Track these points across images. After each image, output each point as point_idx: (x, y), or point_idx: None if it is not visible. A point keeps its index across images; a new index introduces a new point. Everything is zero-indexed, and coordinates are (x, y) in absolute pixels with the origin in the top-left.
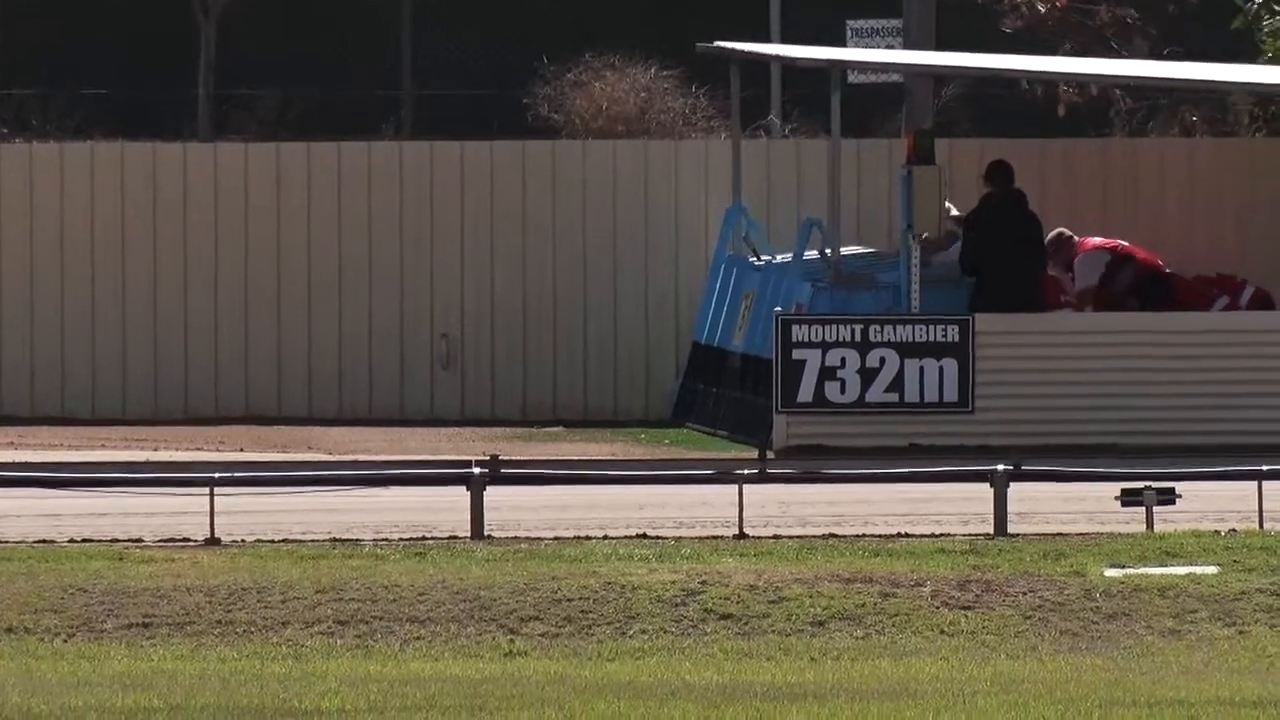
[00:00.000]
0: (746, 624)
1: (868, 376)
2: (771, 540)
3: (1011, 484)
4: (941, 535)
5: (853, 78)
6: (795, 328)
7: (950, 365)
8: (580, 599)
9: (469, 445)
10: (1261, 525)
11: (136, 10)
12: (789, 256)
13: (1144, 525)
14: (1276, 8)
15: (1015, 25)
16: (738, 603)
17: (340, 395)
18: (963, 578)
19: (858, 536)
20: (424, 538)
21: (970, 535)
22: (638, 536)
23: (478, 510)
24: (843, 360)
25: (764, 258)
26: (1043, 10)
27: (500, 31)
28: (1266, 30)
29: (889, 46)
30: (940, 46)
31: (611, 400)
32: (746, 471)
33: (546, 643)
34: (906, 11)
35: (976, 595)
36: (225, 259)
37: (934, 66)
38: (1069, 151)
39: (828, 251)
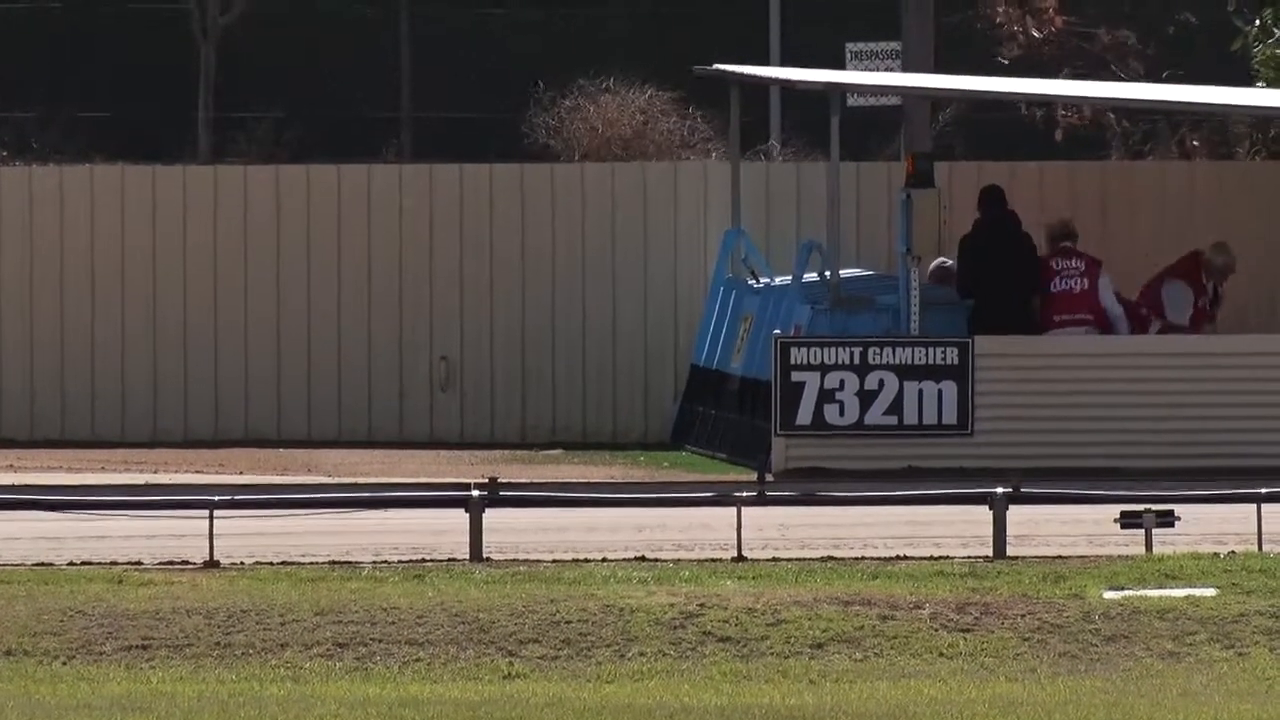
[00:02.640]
0: (745, 646)
1: (867, 399)
2: (770, 563)
3: (1010, 506)
4: (940, 558)
5: (852, 101)
6: (794, 350)
7: (949, 388)
8: (579, 621)
9: (468, 467)
10: (1260, 547)
11: (136, 33)
12: (788, 279)
13: (1143, 547)
14: (1275, 30)
15: (1013, 53)
16: (736, 625)
17: (339, 417)
18: (962, 600)
19: (856, 559)
20: (423, 560)
21: (969, 558)
22: (636, 559)
23: (476, 533)
24: (842, 383)
25: (763, 280)
26: (1039, 36)
27: (499, 55)
28: (1258, 61)
29: (888, 69)
30: (939, 74)
31: (610, 422)
32: (745, 494)
33: (545, 665)
34: (905, 34)
35: (975, 618)
36: (224, 281)
37: (933, 89)
38: (1068, 174)
39: (827, 274)
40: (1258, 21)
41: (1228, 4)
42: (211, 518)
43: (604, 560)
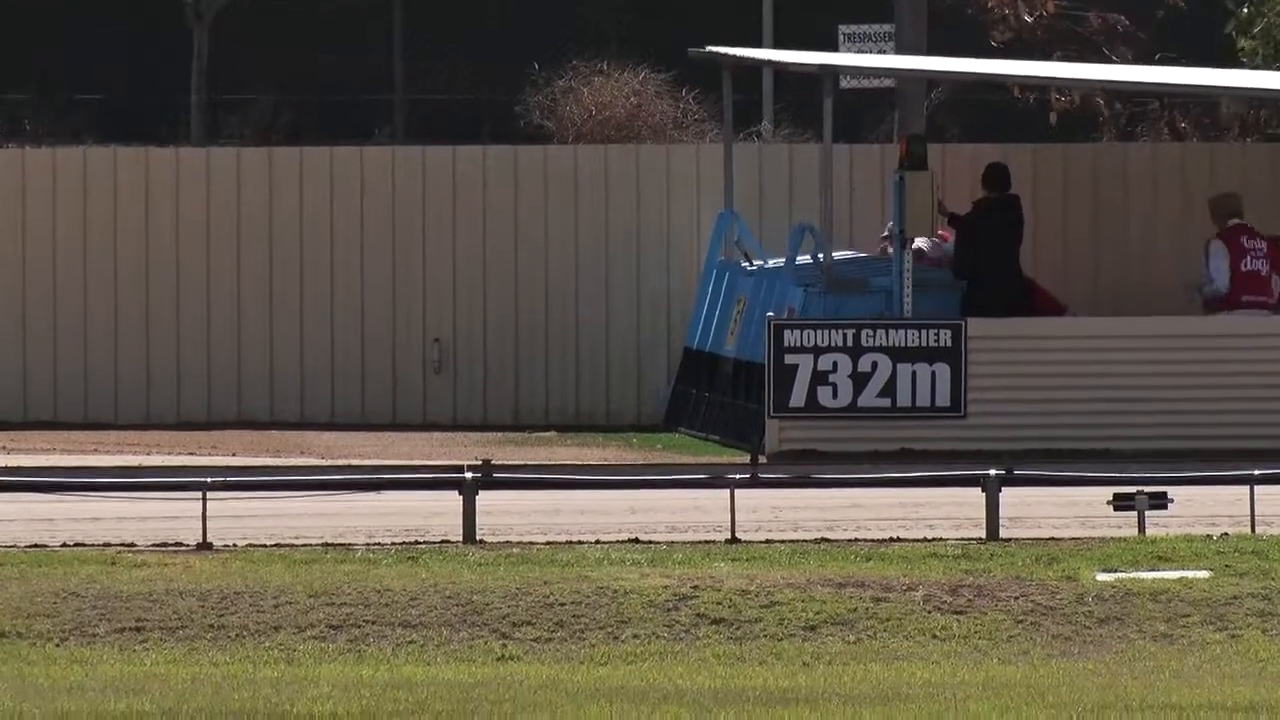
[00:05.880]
0: (738, 629)
1: (860, 381)
2: (764, 545)
3: (1003, 488)
4: (934, 540)
5: (845, 82)
6: (787, 332)
7: (942, 370)
8: (572, 603)
9: (461, 449)
10: (1253, 529)
11: (130, 16)
12: (781, 261)
13: (1136, 529)
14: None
15: (1004, 37)
16: (730, 607)
17: (333, 399)
18: (955, 582)
19: (850, 541)
20: (416, 542)
21: (962, 540)
22: (630, 541)
23: (470, 515)
24: (835, 365)
25: (756, 262)
26: (1030, 20)
27: (492, 37)
28: (1246, 46)
29: (881, 51)
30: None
31: (604, 405)
32: (739, 476)
33: (539, 647)
34: (898, 16)
35: (968, 600)
36: (217, 263)
37: (926, 71)
38: (1060, 156)
39: (820, 256)
40: (1248, 5)
41: None
42: (205, 499)
43: (597, 542)
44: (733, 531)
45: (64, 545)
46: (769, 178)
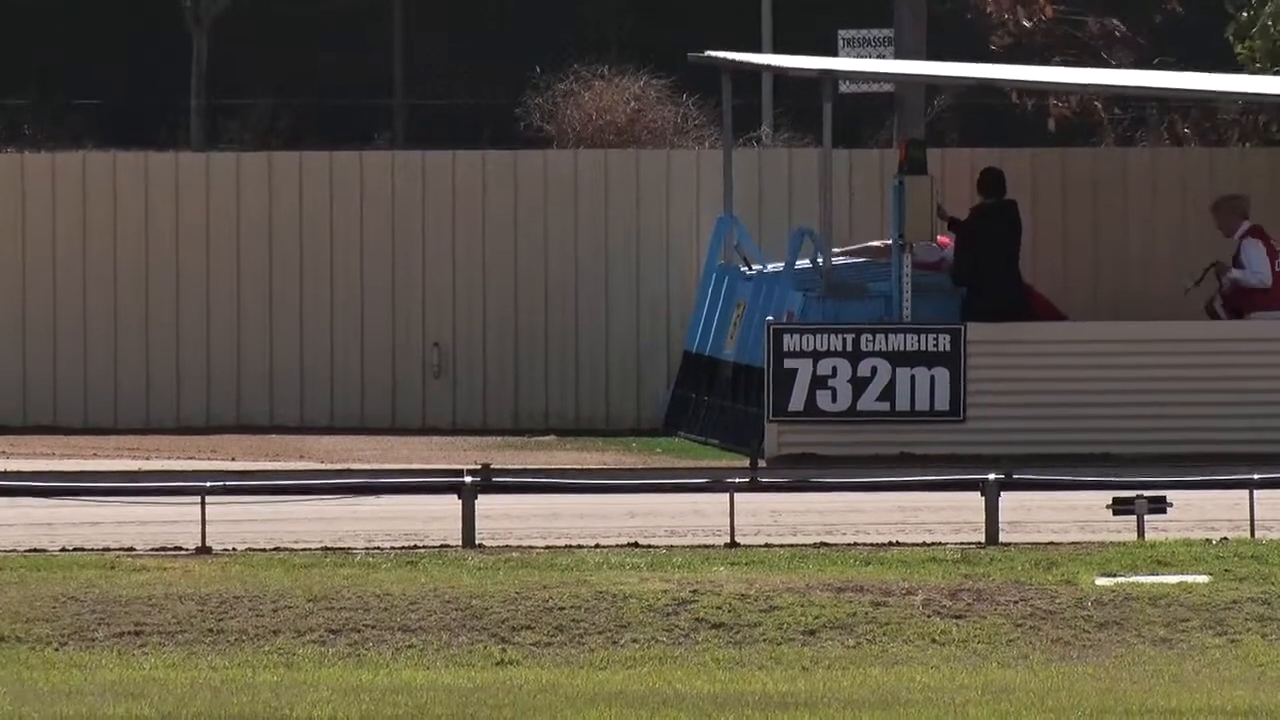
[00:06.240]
0: (738, 633)
1: (859, 385)
2: (763, 549)
3: (1003, 493)
4: (933, 544)
5: (844, 87)
6: (787, 337)
7: (941, 374)
8: (572, 608)
9: (461, 454)
10: (1253, 534)
11: (129, 19)
12: (780, 266)
13: (1135, 534)
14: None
15: (1004, 42)
16: (729, 612)
17: (332, 404)
18: (954, 586)
19: (849, 545)
20: (416, 546)
21: (962, 544)
22: (629, 545)
23: (469, 519)
24: (834, 369)
25: (755, 267)
26: (1028, 25)
27: (492, 40)
28: (1245, 46)
29: (880, 56)
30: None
31: (603, 409)
32: (738, 480)
33: (538, 651)
34: (898, 21)
35: (968, 604)
36: (217, 268)
37: (926, 76)
38: (1059, 160)
39: (819, 260)
40: (1246, 10)
41: None
42: (204, 504)
43: (597, 546)
44: (732, 535)
45: (63, 550)
46: (768, 182)
